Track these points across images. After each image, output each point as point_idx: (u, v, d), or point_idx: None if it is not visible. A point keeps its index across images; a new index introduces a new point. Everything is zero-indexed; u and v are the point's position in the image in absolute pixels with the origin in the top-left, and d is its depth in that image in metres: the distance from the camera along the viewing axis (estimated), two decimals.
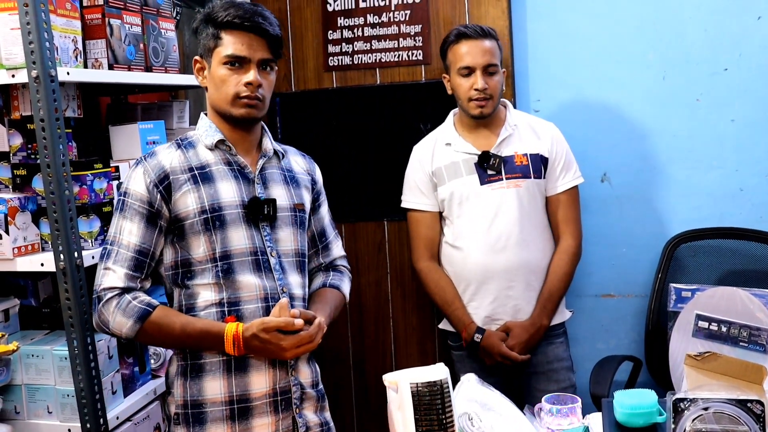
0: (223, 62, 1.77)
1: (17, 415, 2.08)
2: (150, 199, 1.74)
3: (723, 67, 2.73)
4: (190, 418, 1.76)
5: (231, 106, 1.78)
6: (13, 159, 2.08)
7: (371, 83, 3.00)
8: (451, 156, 2.52)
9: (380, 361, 3.07)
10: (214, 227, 1.75)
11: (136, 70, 2.31)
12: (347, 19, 2.99)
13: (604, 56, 2.82)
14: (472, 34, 2.44)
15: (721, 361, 1.78)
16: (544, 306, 2.50)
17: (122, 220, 1.76)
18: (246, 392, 1.76)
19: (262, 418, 1.77)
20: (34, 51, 1.86)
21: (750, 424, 1.55)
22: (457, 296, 2.54)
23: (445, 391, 1.57)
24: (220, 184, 1.78)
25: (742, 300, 2.25)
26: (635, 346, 2.86)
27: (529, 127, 2.55)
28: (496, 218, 2.47)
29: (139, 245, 1.74)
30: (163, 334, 1.73)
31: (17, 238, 1.99)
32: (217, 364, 1.77)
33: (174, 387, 1.81)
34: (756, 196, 2.75)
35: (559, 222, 2.55)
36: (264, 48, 1.78)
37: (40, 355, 2.05)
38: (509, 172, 2.48)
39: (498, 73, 2.45)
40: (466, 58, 2.43)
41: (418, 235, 2.61)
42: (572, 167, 2.57)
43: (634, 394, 1.81)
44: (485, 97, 2.42)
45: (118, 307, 1.71)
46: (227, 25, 1.76)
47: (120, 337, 1.76)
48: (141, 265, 1.75)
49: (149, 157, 1.79)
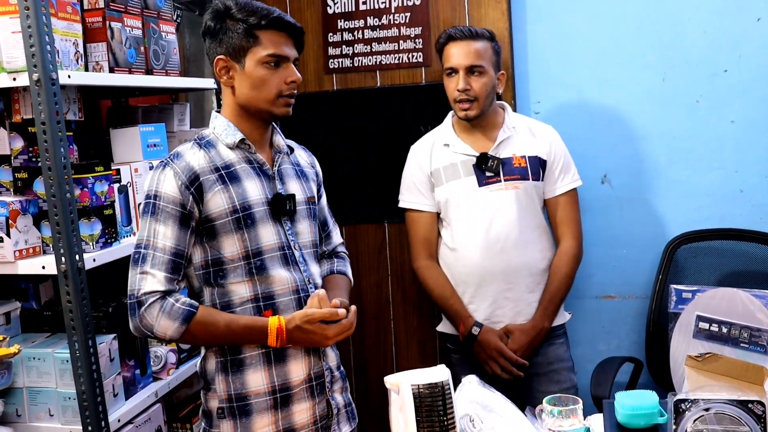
0: (262, 62, 1.77)
1: (18, 418, 2.08)
2: (182, 201, 1.74)
3: (723, 68, 2.73)
4: (236, 411, 1.80)
5: (272, 105, 1.80)
6: (15, 162, 2.08)
7: (371, 85, 3.00)
8: (450, 157, 2.52)
9: (381, 362, 3.07)
10: (246, 225, 1.78)
11: (137, 73, 2.32)
12: (347, 21, 2.99)
13: (604, 58, 2.82)
14: (458, 35, 2.44)
15: (722, 362, 1.78)
16: (546, 308, 2.49)
17: (155, 224, 1.75)
18: (286, 381, 1.82)
19: (301, 404, 1.83)
20: (35, 54, 1.86)
21: (751, 425, 1.55)
22: (455, 292, 2.53)
23: (447, 392, 1.58)
24: (246, 183, 1.80)
25: (742, 301, 2.24)
26: (636, 347, 2.86)
27: (528, 130, 2.55)
28: (494, 220, 2.46)
29: (175, 248, 1.74)
30: (208, 333, 1.75)
31: (18, 241, 1.99)
32: (257, 357, 1.80)
33: (215, 383, 1.83)
34: (756, 197, 2.75)
35: (559, 224, 2.55)
36: (294, 46, 1.82)
37: (41, 357, 2.05)
38: (507, 174, 2.47)
39: (485, 75, 2.42)
40: (451, 59, 2.44)
41: (416, 235, 2.61)
42: (571, 170, 2.57)
43: (635, 395, 1.82)
44: (468, 98, 2.41)
45: (162, 311, 1.71)
46: (264, 26, 1.77)
47: (163, 339, 1.77)
48: (178, 267, 1.75)
49: (175, 158, 1.78)
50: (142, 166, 2.29)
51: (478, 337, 2.47)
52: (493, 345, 2.45)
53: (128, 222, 2.22)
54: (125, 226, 2.20)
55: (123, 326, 2.19)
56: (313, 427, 1.85)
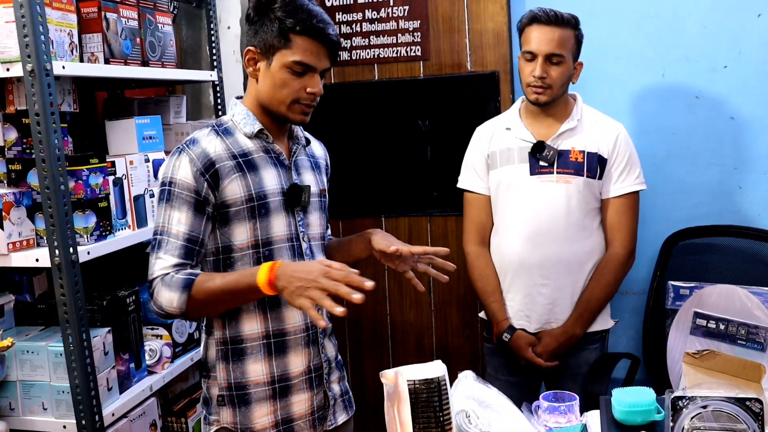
0: (288, 66, 1.74)
1: (12, 411, 2.07)
2: (197, 188, 1.73)
3: (722, 64, 2.72)
4: (235, 399, 1.81)
5: (287, 109, 1.78)
6: (8, 153, 2.07)
7: (369, 79, 2.99)
8: (508, 141, 2.43)
9: (377, 357, 3.06)
10: (259, 215, 1.77)
11: (133, 64, 2.30)
12: (345, 14, 2.97)
13: (604, 53, 2.81)
14: (543, 18, 2.32)
15: (720, 359, 1.78)
16: (581, 314, 2.40)
17: (169, 210, 1.74)
18: (285, 372, 1.82)
19: (299, 395, 1.84)
20: (29, 44, 1.85)
21: (748, 423, 1.54)
22: (498, 289, 2.47)
23: (443, 388, 1.57)
24: (263, 172, 1.79)
25: (740, 298, 2.24)
26: (633, 343, 2.86)
27: (595, 124, 2.43)
28: (539, 211, 2.37)
29: (188, 233, 1.73)
30: (208, 294, 1.69)
31: (12, 233, 1.98)
32: (258, 348, 1.80)
33: (216, 371, 1.83)
34: (755, 194, 2.74)
35: (611, 228, 2.43)
36: (327, 57, 1.78)
37: (35, 351, 2.04)
38: (561, 166, 2.38)
39: (563, 64, 2.32)
40: (531, 42, 2.33)
41: (470, 218, 2.53)
42: (634, 172, 2.43)
43: (633, 392, 1.81)
44: (542, 85, 2.32)
45: (164, 284, 1.70)
46: (300, 31, 1.73)
47: (177, 315, 1.72)
48: (191, 252, 1.74)
49: (192, 144, 1.76)
50: (137, 159, 2.28)
51: (509, 344, 2.43)
52: (522, 353, 2.41)
53: (123, 215, 2.20)
54: (120, 218, 2.19)
55: (117, 320, 2.19)
56: (310, 418, 1.86)
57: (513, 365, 2.46)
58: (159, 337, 2.36)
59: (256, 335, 1.80)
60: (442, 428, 1.55)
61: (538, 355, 2.40)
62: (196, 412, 2.57)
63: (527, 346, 2.40)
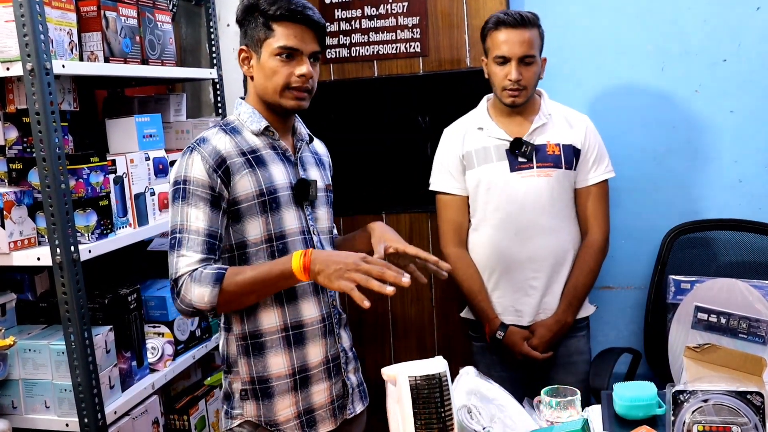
0: (274, 53, 1.79)
1: (14, 410, 2.08)
2: (211, 184, 1.75)
3: (722, 57, 2.72)
4: (258, 393, 1.84)
5: (280, 96, 1.81)
6: (9, 153, 2.07)
7: (368, 76, 2.99)
8: (483, 141, 2.47)
9: (379, 354, 3.06)
10: (270, 209, 1.80)
11: (133, 62, 2.30)
12: (344, 11, 2.97)
13: (603, 48, 2.81)
14: (511, 22, 2.36)
15: (721, 353, 1.78)
16: (570, 303, 2.46)
17: (186, 207, 1.75)
18: (305, 363, 1.85)
19: (319, 385, 1.88)
20: (28, 43, 1.85)
21: (750, 416, 1.55)
22: (483, 288, 2.50)
23: (444, 384, 1.57)
24: (272, 168, 1.83)
25: (741, 291, 2.24)
26: (634, 338, 2.86)
27: (563, 118, 2.49)
28: (524, 207, 2.42)
29: (208, 229, 1.75)
30: (240, 286, 1.71)
31: (13, 232, 1.98)
32: (277, 341, 1.83)
33: (237, 366, 1.86)
34: (755, 188, 2.74)
35: (588, 215, 2.49)
36: (314, 40, 1.82)
37: (37, 349, 2.05)
38: (540, 160, 2.42)
39: (535, 64, 2.37)
40: (502, 47, 2.36)
41: (447, 220, 2.55)
42: (604, 160, 2.51)
43: (634, 386, 1.81)
44: (518, 87, 2.36)
45: (193, 281, 1.70)
46: (279, 17, 1.78)
47: (207, 309, 1.72)
48: (212, 247, 1.75)
49: (202, 143, 1.79)
50: (137, 157, 2.28)
51: (503, 341, 2.46)
52: (518, 348, 2.44)
53: (124, 213, 2.20)
54: (121, 217, 2.19)
55: (119, 318, 2.19)
56: (330, 407, 1.89)
57: (505, 362, 2.48)
58: (161, 334, 2.37)
59: (275, 328, 1.83)
60: (444, 424, 1.56)
61: (534, 347, 2.44)
62: (198, 410, 2.57)
63: (522, 341, 2.44)
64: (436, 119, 2.89)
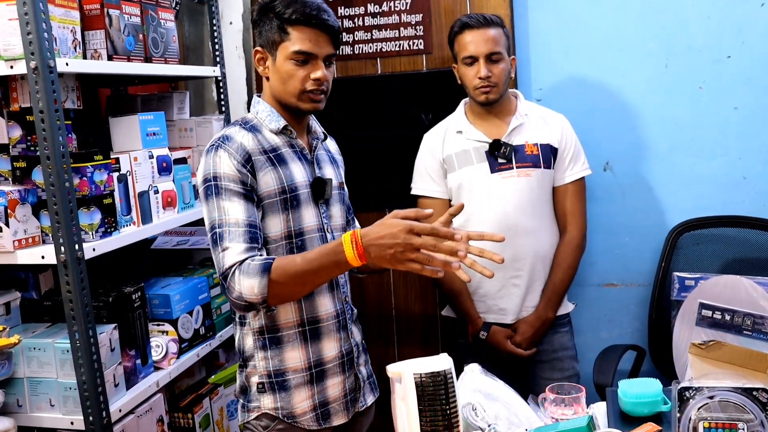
0: (290, 57, 1.81)
1: (20, 408, 2.08)
2: (242, 178, 1.77)
3: (726, 54, 2.71)
4: (275, 386, 1.87)
5: (298, 100, 1.84)
6: (13, 151, 2.07)
7: (372, 73, 2.98)
8: (462, 144, 2.51)
9: (383, 352, 3.06)
10: (291, 206, 1.83)
11: (136, 60, 2.30)
12: (348, 8, 2.97)
13: (606, 45, 2.80)
14: (474, 23, 2.44)
15: (726, 350, 1.77)
16: (549, 299, 2.51)
17: (221, 202, 1.75)
18: (320, 357, 1.89)
19: (333, 378, 1.91)
20: (32, 42, 1.85)
21: (755, 413, 1.54)
22: (465, 288, 2.54)
23: (449, 381, 1.57)
24: (292, 166, 1.86)
25: (745, 288, 2.23)
26: (639, 335, 2.85)
27: (540, 118, 2.55)
28: (505, 207, 2.46)
29: (247, 219, 1.75)
30: (288, 274, 1.68)
31: (17, 230, 1.98)
32: (294, 336, 1.86)
33: (255, 359, 1.89)
34: (759, 184, 2.73)
35: (566, 213, 2.54)
36: (329, 43, 1.83)
37: (41, 348, 2.05)
38: (520, 161, 2.47)
39: (503, 61, 2.44)
40: (469, 47, 2.44)
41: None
42: (581, 158, 2.56)
43: (639, 383, 1.81)
44: (489, 84, 2.42)
45: (242, 273, 1.69)
46: (294, 21, 1.79)
47: (259, 303, 1.70)
48: (255, 236, 1.75)
49: (226, 141, 1.80)
50: (141, 155, 2.28)
51: (487, 340, 2.50)
52: (502, 347, 2.49)
53: (128, 211, 2.20)
54: (125, 215, 2.19)
55: (123, 316, 2.19)
56: (344, 400, 1.93)
57: (491, 361, 2.48)
58: (165, 333, 2.37)
59: (292, 323, 1.86)
60: (449, 421, 1.56)
61: (518, 345, 2.49)
62: (202, 408, 2.57)
63: (506, 339, 2.50)
64: (440, 116, 2.88)
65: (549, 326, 2.52)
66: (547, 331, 2.52)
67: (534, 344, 2.51)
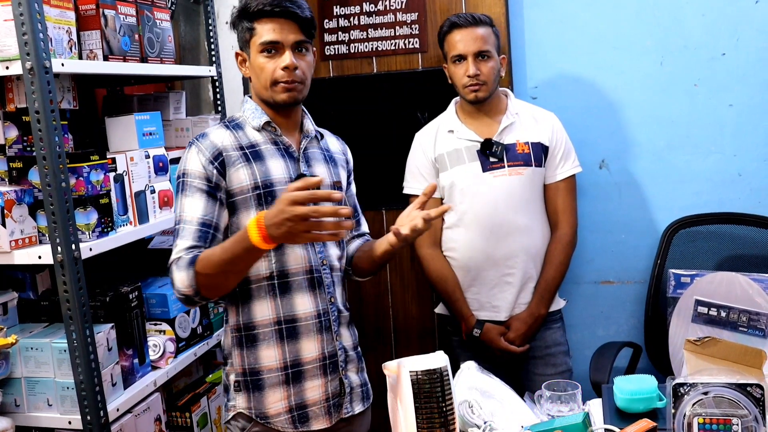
0: (259, 51, 1.84)
1: (17, 408, 2.08)
2: (207, 175, 1.79)
3: (721, 51, 2.72)
4: (249, 385, 1.86)
5: (272, 92, 1.85)
6: (9, 151, 2.07)
7: (368, 72, 2.99)
8: (454, 143, 2.52)
9: (380, 349, 3.07)
10: (266, 202, 1.81)
11: (132, 61, 2.30)
12: (343, 7, 2.97)
13: (602, 42, 2.80)
14: (462, 23, 2.46)
15: (721, 346, 1.78)
16: (542, 296, 2.52)
17: (184, 199, 1.79)
18: (298, 358, 1.86)
19: (313, 381, 1.87)
20: (27, 42, 1.85)
21: (750, 408, 1.55)
22: (458, 287, 2.55)
23: (445, 378, 1.57)
24: (270, 162, 1.85)
25: (741, 285, 2.24)
26: (635, 332, 2.86)
27: (530, 116, 2.56)
28: (497, 206, 2.47)
29: (201, 217, 1.77)
30: (210, 265, 1.68)
31: (14, 231, 1.98)
32: (270, 334, 1.84)
33: (232, 357, 1.89)
34: (755, 181, 2.74)
35: (557, 211, 2.56)
36: (295, 30, 1.84)
37: (39, 347, 2.05)
38: (511, 159, 2.48)
39: (491, 59, 2.45)
40: (458, 46, 2.45)
41: None
42: (571, 156, 2.57)
43: (634, 379, 1.82)
44: (478, 82, 2.43)
45: (176, 267, 1.73)
46: (258, 15, 1.83)
47: (193, 295, 1.72)
48: (204, 236, 1.77)
49: (201, 138, 1.84)
50: (137, 155, 2.28)
51: (480, 338, 2.51)
52: (495, 344, 2.50)
53: (124, 211, 2.21)
54: (121, 215, 2.19)
55: (120, 316, 2.19)
56: (325, 404, 1.89)
57: (484, 358, 2.49)
58: (162, 332, 2.37)
59: (268, 321, 1.85)
60: (445, 419, 1.56)
61: (511, 341, 2.50)
62: (200, 407, 2.58)
63: (499, 337, 2.50)
64: (436, 115, 2.89)
65: (541, 323, 2.53)
66: (539, 327, 2.53)
67: (527, 341, 2.52)
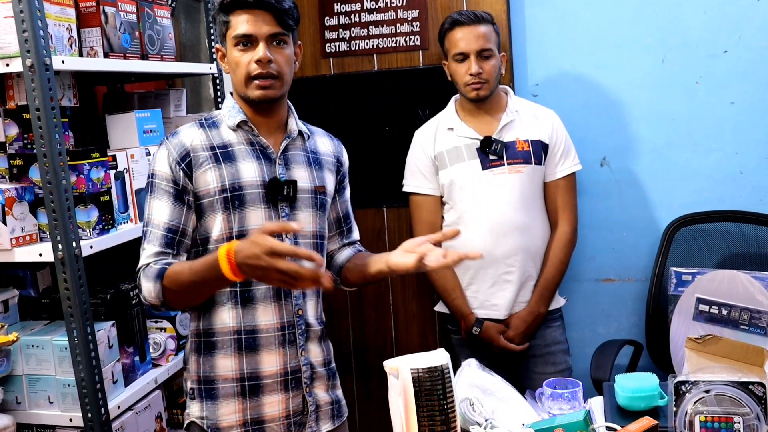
0: (234, 44, 1.75)
1: (18, 405, 2.08)
2: (174, 178, 1.73)
3: (722, 49, 2.72)
4: (203, 393, 1.79)
5: (246, 87, 1.75)
6: (10, 149, 2.07)
7: (369, 69, 2.98)
8: (453, 141, 2.52)
9: (381, 347, 3.07)
10: (233, 206, 1.74)
11: (132, 58, 2.30)
12: (344, 5, 2.97)
13: (603, 40, 2.80)
14: (465, 20, 2.45)
15: (722, 344, 1.78)
16: (542, 294, 2.52)
17: (152, 201, 1.75)
18: (256, 370, 1.77)
19: (272, 396, 1.79)
20: (28, 39, 1.84)
21: (752, 406, 1.55)
22: (458, 285, 2.55)
23: (446, 376, 1.57)
24: (241, 164, 1.76)
25: (742, 283, 2.24)
26: (636, 330, 2.86)
27: (531, 114, 2.56)
28: (497, 203, 2.47)
29: (168, 222, 1.73)
30: (178, 283, 1.66)
31: (15, 228, 1.98)
32: (228, 342, 1.77)
33: (189, 363, 1.83)
34: (756, 179, 2.74)
35: (557, 208, 2.56)
36: (271, 22, 1.74)
37: (40, 345, 2.05)
38: (511, 157, 2.48)
39: (493, 57, 2.45)
40: (460, 44, 2.45)
41: (420, 220, 2.61)
42: (571, 154, 2.57)
43: (636, 377, 1.82)
44: (480, 81, 2.43)
45: (144, 276, 1.70)
46: (232, 6, 1.74)
47: (160, 305, 1.71)
48: (171, 242, 1.73)
49: (171, 136, 1.78)
50: (138, 152, 2.28)
51: (480, 336, 2.51)
52: (495, 342, 2.51)
53: (125, 208, 2.21)
54: (122, 212, 2.19)
55: (121, 313, 2.19)
56: (285, 422, 1.80)
57: (483, 356, 2.48)
58: (163, 329, 2.37)
59: (227, 330, 1.77)
60: (446, 416, 1.56)
61: (510, 340, 2.51)
62: None
63: (498, 335, 2.51)
64: (436, 112, 2.89)
65: (541, 321, 2.53)
66: (539, 325, 2.53)
67: (526, 339, 2.52)
